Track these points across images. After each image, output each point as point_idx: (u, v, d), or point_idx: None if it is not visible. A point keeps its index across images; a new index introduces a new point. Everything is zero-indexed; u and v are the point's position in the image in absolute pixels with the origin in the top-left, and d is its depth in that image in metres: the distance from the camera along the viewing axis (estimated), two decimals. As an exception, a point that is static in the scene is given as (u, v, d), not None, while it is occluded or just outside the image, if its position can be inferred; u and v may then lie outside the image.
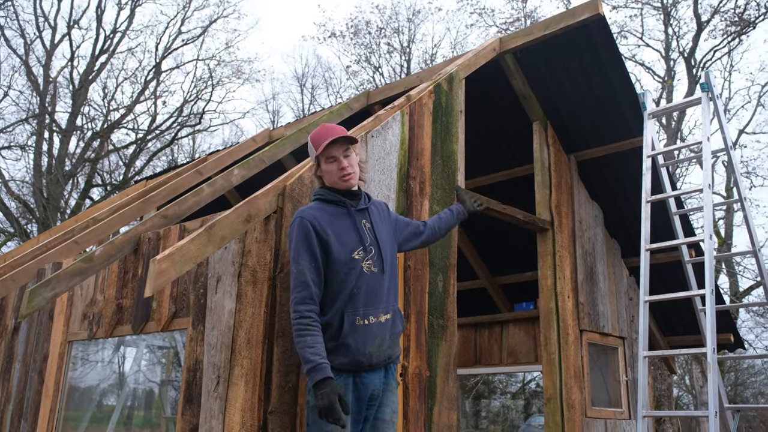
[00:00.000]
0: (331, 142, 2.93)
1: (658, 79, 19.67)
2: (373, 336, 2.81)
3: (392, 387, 2.90)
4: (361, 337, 2.77)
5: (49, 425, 4.44)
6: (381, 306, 2.87)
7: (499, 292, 7.72)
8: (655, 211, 5.49)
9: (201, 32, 23.42)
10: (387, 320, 2.87)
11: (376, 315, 2.84)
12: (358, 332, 2.76)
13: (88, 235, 4.74)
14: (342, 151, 2.96)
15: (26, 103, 21.39)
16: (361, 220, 2.97)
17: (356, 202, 3.00)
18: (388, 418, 2.81)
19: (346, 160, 2.96)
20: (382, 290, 2.89)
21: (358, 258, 2.86)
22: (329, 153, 2.95)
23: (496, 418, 7.35)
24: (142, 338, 4.28)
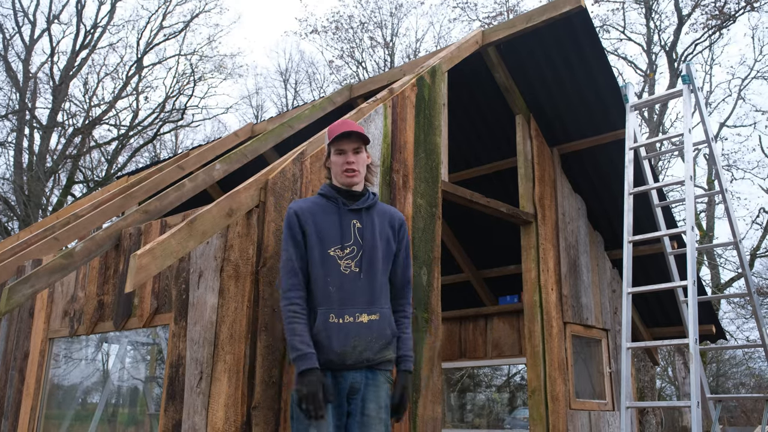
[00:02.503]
0: (344, 135, 2.91)
1: (640, 73, 19.80)
2: (347, 336, 2.73)
3: (378, 382, 2.79)
4: (333, 335, 2.72)
5: (30, 423, 4.39)
6: (361, 307, 2.79)
7: (483, 285, 7.74)
8: (638, 204, 5.52)
9: (183, 27, 23.24)
10: (371, 321, 2.78)
11: (353, 315, 2.76)
12: (331, 330, 2.73)
13: (68, 231, 4.69)
14: (353, 147, 2.93)
15: (5, 99, 21.13)
16: (351, 220, 2.91)
17: (351, 202, 2.94)
18: (374, 414, 2.73)
19: (355, 157, 2.93)
20: (363, 291, 2.81)
21: (334, 255, 2.83)
22: (340, 145, 2.93)
23: (481, 411, 7.37)
24: (125, 335, 4.25)
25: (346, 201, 2.95)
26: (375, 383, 2.78)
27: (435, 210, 4.36)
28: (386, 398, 2.81)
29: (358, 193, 2.98)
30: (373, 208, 3.00)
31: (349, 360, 2.73)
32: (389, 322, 2.85)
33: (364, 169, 2.98)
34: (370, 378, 2.78)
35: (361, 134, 2.93)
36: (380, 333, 2.80)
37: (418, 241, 4.16)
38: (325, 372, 2.72)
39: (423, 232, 4.22)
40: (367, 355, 2.76)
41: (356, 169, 2.93)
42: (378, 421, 2.72)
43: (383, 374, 2.82)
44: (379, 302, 2.84)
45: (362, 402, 2.74)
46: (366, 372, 2.78)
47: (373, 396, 2.75)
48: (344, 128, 2.93)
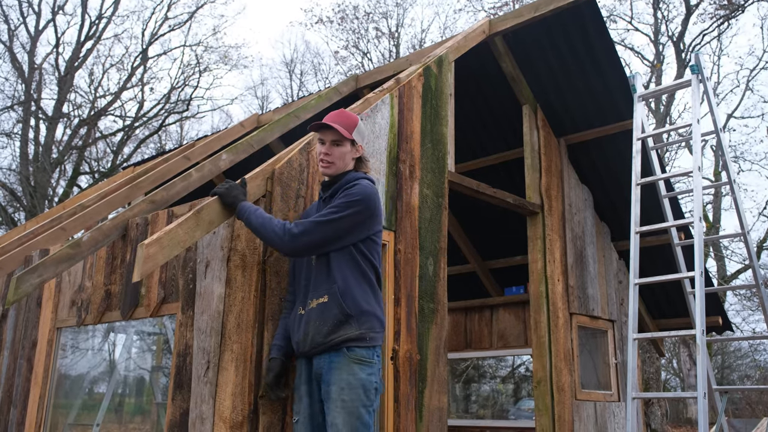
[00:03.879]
0: (323, 126, 2.95)
1: (647, 64, 19.69)
2: (302, 324, 2.84)
3: (341, 364, 2.71)
4: (296, 326, 2.89)
5: (38, 412, 4.41)
6: (312, 292, 2.85)
7: (488, 276, 7.73)
8: (645, 195, 5.50)
9: (188, 18, 23.20)
10: (319, 305, 2.79)
11: (307, 302, 2.86)
12: (295, 321, 2.91)
13: (75, 221, 4.70)
14: (330, 137, 2.96)
15: (11, 90, 21.15)
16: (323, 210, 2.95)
17: (325, 192, 3.01)
18: (335, 396, 2.68)
19: (331, 149, 2.95)
20: (317, 276, 2.85)
21: None
22: (321, 134, 2.99)
23: (486, 402, 7.38)
24: (132, 325, 4.25)
25: (321, 193, 3.04)
26: (338, 365, 2.71)
27: (441, 200, 4.35)
28: (351, 379, 2.69)
29: (332, 181, 3.01)
30: (339, 191, 2.95)
31: (305, 347, 2.81)
32: (338, 301, 2.75)
33: (342, 162, 2.97)
34: (334, 361, 2.73)
35: (329, 125, 2.92)
36: (328, 314, 2.75)
37: (424, 231, 4.16)
38: (302, 358, 2.89)
39: (429, 223, 4.22)
40: (318, 339, 2.75)
41: (330, 161, 2.96)
42: (339, 403, 2.66)
43: (346, 355, 2.72)
44: (330, 284, 2.79)
45: (325, 386, 2.73)
46: (330, 355, 2.75)
47: (335, 378, 2.70)
48: (326, 119, 2.96)
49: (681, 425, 16.97)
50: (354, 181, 2.93)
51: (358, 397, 2.67)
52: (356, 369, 2.71)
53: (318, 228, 2.77)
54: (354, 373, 2.70)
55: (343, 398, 2.66)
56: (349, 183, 2.94)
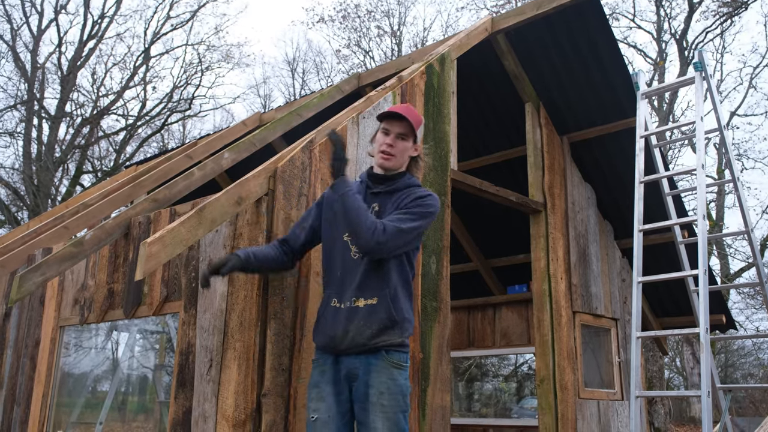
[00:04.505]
0: (394, 116, 2.83)
1: (650, 61, 19.65)
2: (342, 320, 2.71)
3: (380, 367, 2.66)
4: (330, 319, 2.74)
5: (42, 411, 4.42)
6: (360, 291, 2.72)
7: (491, 274, 7.73)
8: (648, 193, 5.48)
9: (190, 17, 23.20)
10: (367, 306, 2.69)
11: (351, 299, 2.72)
12: (330, 313, 2.75)
13: (78, 220, 4.70)
14: (399, 131, 2.83)
15: (14, 90, 21.19)
16: (372, 204, 2.85)
17: (376, 185, 2.87)
18: (375, 400, 2.61)
19: (396, 141, 2.83)
20: (364, 276, 2.73)
21: (347, 240, 2.80)
22: (389, 124, 2.84)
23: (489, 400, 7.37)
24: (135, 323, 4.25)
25: (371, 184, 2.89)
26: (376, 368, 2.66)
27: (444, 199, 4.34)
28: (391, 384, 2.65)
29: (387, 177, 2.88)
30: (398, 191, 2.85)
31: (342, 345, 2.69)
32: (387, 306, 2.69)
33: (402, 157, 2.86)
34: (372, 363, 2.67)
35: (410, 123, 2.83)
36: (375, 317, 2.68)
37: (427, 230, 4.14)
38: (328, 356, 2.76)
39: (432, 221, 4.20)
40: (360, 340, 2.66)
41: (392, 154, 2.82)
42: (379, 407, 2.60)
43: (386, 359, 2.68)
44: (380, 286, 2.72)
45: (364, 388, 2.65)
46: (367, 357, 2.68)
47: (374, 381, 2.64)
48: (397, 109, 2.84)
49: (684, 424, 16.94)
50: (422, 189, 2.86)
51: (397, 403, 2.63)
52: (395, 373, 2.66)
53: (401, 236, 2.67)
54: (394, 377, 2.66)
55: (382, 403, 2.61)
56: (416, 188, 2.86)
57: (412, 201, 2.77)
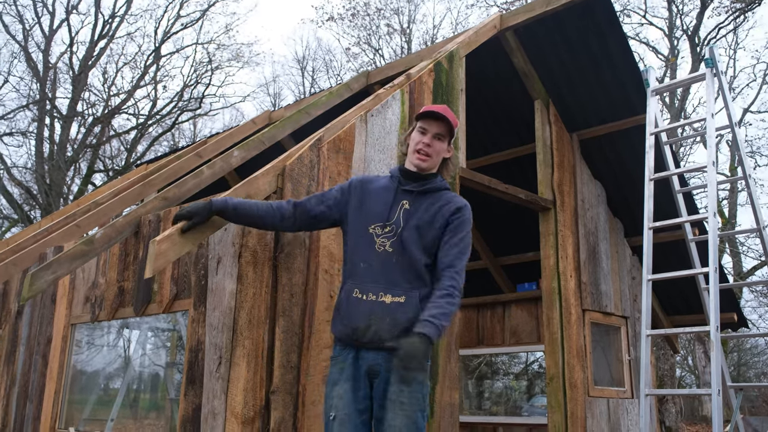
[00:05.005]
0: (434, 116, 2.81)
1: (662, 58, 19.52)
2: (364, 313, 2.68)
3: None
4: (353, 310, 2.70)
5: (54, 407, 4.46)
6: (387, 286, 2.69)
7: (501, 272, 7.71)
8: (659, 190, 5.45)
9: (200, 16, 23.30)
10: (393, 303, 2.66)
11: (377, 293, 2.69)
12: (352, 304, 2.72)
13: (89, 218, 4.74)
14: (436, 131, 2.82)
15: (26, 90, 21.37)
16: (402, 200, 2.82)
17: (408, 182, 2.84)
18: (394, 398, 2.58)
19: (433, 141, 2.81)
20: (392, 271, 2.71)
21: (372, 232, 2.78)
22: (426, 124, 2.82)
23: (499, 398, 7.36)
24: (146, 321, 4.28)
25: (403, 181, 2.86)
26: None
27: (452, 196, 4.33)
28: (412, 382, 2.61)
29: (420, 176, 2.85)
30: (429, 193, 2.84)
31: (364, 338, 2.67)
32: (416, 307, 2.65)
33: (438, 158, 2.85)
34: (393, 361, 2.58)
35: (450, 123, 2.82)
36: (401, 316, 2.65)
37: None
38: (350, 350, 2.73)
39: (441, 219, 4.20)
40: (384, 336, 2.63)
41: (429, 154, 2.80)
42: (398, 405, 2.58)
43: None
44: (409, 285, 2.70)
45: (384, 385, 2.63)
46: (388, 354, 2.62)
47: (395, 379, 2.60)
48: (437, 109, 2.82)
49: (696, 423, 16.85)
50: (458, 198, 2.88)
51: (417, 401, 2.62)
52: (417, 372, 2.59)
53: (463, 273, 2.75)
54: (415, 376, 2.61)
55: (402, 401, 2.58)
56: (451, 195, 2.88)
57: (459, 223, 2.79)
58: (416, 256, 2.72)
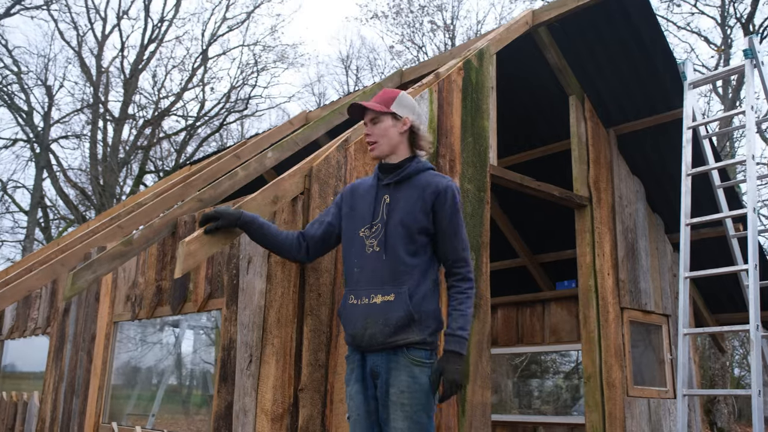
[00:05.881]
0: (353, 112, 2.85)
1: (714, 48, 18.94)
2: (360, 318, 2.66)
3: (400, 365, 2.59)
4: (350, 316, 2.71)
5: (98, 402, 4.63)
6: (377, 286, 2.65)
7: (539, 270, 7.63)
8: (701, 186, 5.33)
9: (245, 18, 23.66)
10: (384, 302, 2.62)
11: (368, 296, 2.66)
12: (349, 311, 2.72)
13: (131, 219, 4.89)
14: (369, 117, 2.81)
15: (80, 94, 22.11)
16: (383, 195, 2.77)
17: (385, 176, 2.79)
18: (395, 399, 2.55)
19: (371, 128, 2.80)
20: (381, 271, 2.66)
21: (362, 236, 2.75)
22: (360, 118, 2.87)
23: (549, 397, 7.29)
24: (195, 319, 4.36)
25: (381, 176, 2.82)
26: (397, 366, 2.59)
27: (483, 194, 4.32)
28: (411, 382, 2.57)
29: (394, 166, 2.80)
30: (407, 181, 2.77)
31: (362, 342, 2.65)
32: (406, 303, 2.59)
33: (388, 139, 2.78)
34: (393, 361, 2.60)
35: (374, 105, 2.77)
36: (393, 314, 2.59)
37: (466, 226, 4.14)
38: (357, 353, 2.73)
39: (471, 217, 4.20)
40: (379, 339, 2.60)
41: (373, 140, 2.79)
42: (399, 406, 2.54)
43: (406, 357, 2.60)
44: (398, 282, 2.63)
45: (384, 386, 2.60)
46: (388, 354, 2.61)
47: (394, 380, 2.58)
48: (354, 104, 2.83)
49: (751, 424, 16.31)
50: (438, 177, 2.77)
51: (418, 401, 2.55)
52: (416, 371, 2.58)
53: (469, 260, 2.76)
54: (414, 375, 2.57)
55: (402, 402, 2.54)
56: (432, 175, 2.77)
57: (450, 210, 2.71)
58: (402, 251, 2.66)
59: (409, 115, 2.84)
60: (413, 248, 2.69)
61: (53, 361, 5.32)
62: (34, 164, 20.93)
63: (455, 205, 2.73)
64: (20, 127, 21.04)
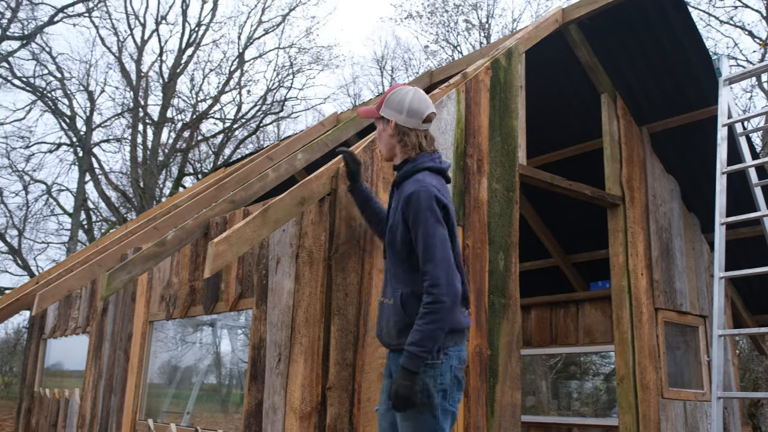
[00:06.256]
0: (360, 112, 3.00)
1: (759, 41, 18.43)
2: (379, 316, 2.81)
3: None
4: (377, 315, 2.85)
5: (135, 399, 4.74)
6: (385, 289, 2.79)
7: (572, 270, 7.55)
8: (738, 184, 5.21)
9: (281, 20, 23.89)
10: (387, 305, 2.72)
11: (384, 297, 2.80)
12: (378, 311, 2.86)
13: (167, 221, 5.01)
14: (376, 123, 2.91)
15: (121, 98, 22.59)
16: (393, 197, 2.87)
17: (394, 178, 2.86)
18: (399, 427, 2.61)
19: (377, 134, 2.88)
20: (387, 273, 2.80)
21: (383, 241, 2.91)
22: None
23: (586, 399, 7.21)
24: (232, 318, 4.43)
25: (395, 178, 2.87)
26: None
27: (512, 194, 4.30)
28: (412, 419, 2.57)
29: (398, 167, 2.83)
30: (402, 184, 2.74)
31: (382, 341, 2.79)
32: (399, 309, 2.62)
33: (383, 145, 2.83)
34: (399, 362, 2.60)
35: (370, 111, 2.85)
36: (391, 318, 2.66)
37: (494, 225, 4.13)
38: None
39: (499, 217, 4.19)
40: (385, 339, 2.74)
41: (379, 147, 2.89)
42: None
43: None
44: (396, 286, 2.69)
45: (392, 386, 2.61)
46: (396, 355, 2.69)
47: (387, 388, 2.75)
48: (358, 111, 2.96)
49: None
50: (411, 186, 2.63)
51: (422, 403, 2.50)
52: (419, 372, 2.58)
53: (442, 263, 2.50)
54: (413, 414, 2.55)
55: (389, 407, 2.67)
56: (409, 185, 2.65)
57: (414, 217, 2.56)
58: (393, 257, 2.71)
59: (395, 116, 2.76)
60: (401, 255, 2.68)
61: (92, 360, 5.46)
62: (77, 168, 21.50)
63: (419, 212, 2.55)
64: (64, 132, 21.62)
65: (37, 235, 22.02)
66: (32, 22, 20.00)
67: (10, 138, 20.88)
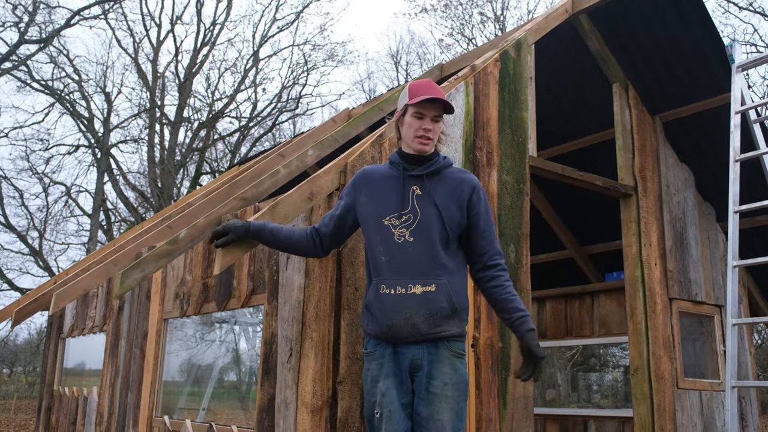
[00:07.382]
0: (430, 100, 2.74)
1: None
2: (397, 308, 2.61)
3: (442, 357, 2.60)
4: (384, 306, 2.63)
5: (150, 396, 4.80)
6: (414, 277, 2.62)
7: (587, 262, 7.50)
8: (753, 172, 5.15)
9: (295, 18, 23.96)
10: (425, 293, 2.60)
11: (405, 285, 2.61)
12: (382, 301, 2.64)
13: (180, 219, 5.05)
14: (434, 114, 2.77)
15: (137, 99, 22.81)
16: (411, 186, 2.75)
17: (414, 167, 2.78)
18: (439, 392, 2.54)
19: (433, 125, 2.77)
20: (417, 261, 2.63)
21: (388, 224, 2.71)
22: (421, 108, 2.75)
23: (603, 391, 7.18)
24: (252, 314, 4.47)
25: (408, 166, 2.80)
26: (439, 359, 2.59)
27: (522, 186, 4.29)
28: (453, 374, 2.59)
29: (423, 158, 2.80)
30: (438, 174, 2.80)
31: (403, 333, 2.59)
32: (448, 294, 2.62)
33: (436, 139, 2.83)
34: (434, 353, 2.59)
35: (446, 103, 2.77)
36: (436, 305, 2.60)
37: (504, 218, 4.13)
38: (386, 346, 2.66)
39: (510, 209, 4.18)
40: (422, 329, 2.58)
41: (431, 138, 2.77)
42: (443, 399, 2.54)
43: (448, 349, 2.62)
44: (436, 273, 2.63)
45: (426, 379, 2.57)
46: (428, 346, 2.60)
47: (438, 372, 2.57)
48: (430, 93, 2.73)
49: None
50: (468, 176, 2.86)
51: (461, 393, 2.59)
52: (457, 363, 2.62)
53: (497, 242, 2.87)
54: (456, 368, 2.61)
55: (446, 394, 2.55)
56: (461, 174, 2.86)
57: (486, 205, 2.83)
58: (438, 243, 2.67)
59: None
60: (447, 241, 2.71)
61: (109, 358, 5.54)
62: (95, 169, 21.76)
63: (486, 199, 2.87)
64: (82, 134, 21.90)
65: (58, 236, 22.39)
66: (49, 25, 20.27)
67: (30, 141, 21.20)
